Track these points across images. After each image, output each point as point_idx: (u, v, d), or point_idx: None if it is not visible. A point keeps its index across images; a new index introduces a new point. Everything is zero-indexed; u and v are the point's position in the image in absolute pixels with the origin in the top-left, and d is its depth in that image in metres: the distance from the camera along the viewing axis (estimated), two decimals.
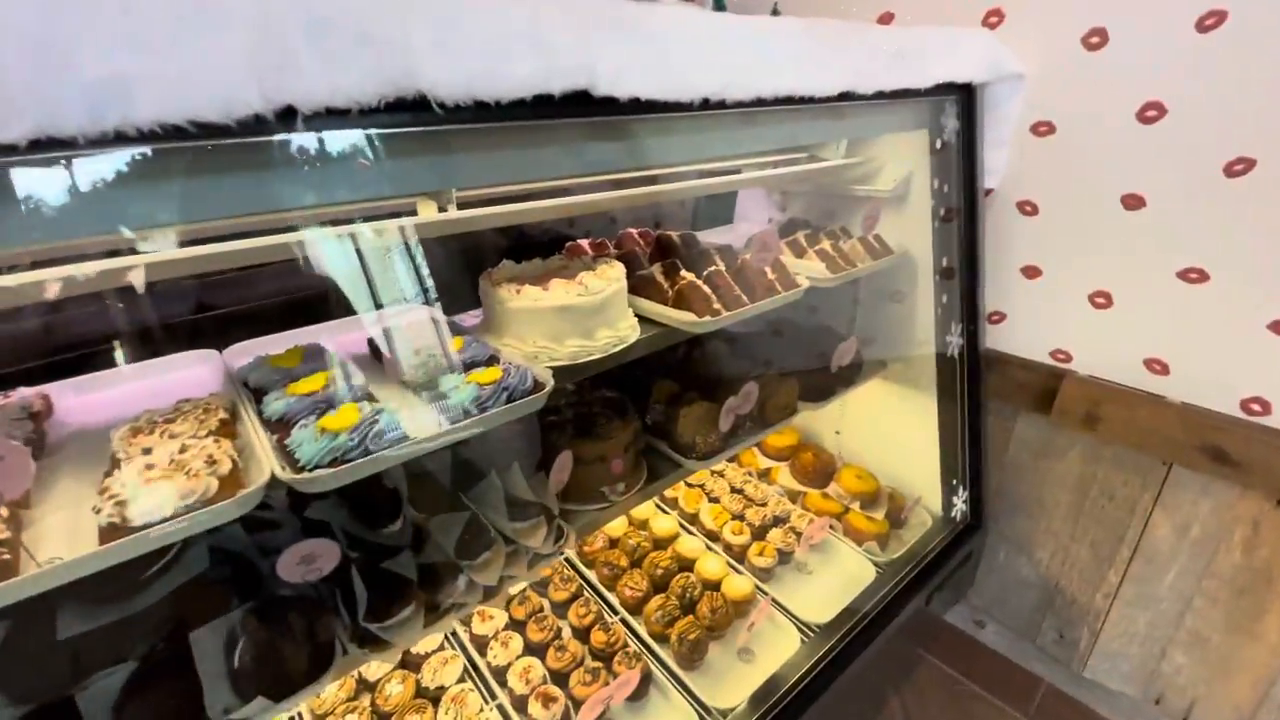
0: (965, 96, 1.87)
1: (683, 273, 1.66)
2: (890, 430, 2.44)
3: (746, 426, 1.90)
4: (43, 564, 0.83)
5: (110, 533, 0.86)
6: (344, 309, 1.79)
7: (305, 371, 1.25)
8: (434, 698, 1.67)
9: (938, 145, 1.92)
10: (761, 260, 1.69)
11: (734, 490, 2.45)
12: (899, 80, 1.54)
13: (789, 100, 1.28)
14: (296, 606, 1.21)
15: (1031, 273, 2.04)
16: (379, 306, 1.30)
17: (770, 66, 1.22)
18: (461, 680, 1.73)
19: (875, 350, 2.32)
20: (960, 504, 2.28)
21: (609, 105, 1.01)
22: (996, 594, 2.41)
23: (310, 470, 1.00)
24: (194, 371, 1.39)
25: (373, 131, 0.85)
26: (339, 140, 0.84)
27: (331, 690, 1.69)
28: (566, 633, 1.86)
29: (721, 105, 1.19)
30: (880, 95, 1.52)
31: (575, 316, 1.41)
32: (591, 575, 2.12)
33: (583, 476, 1.63)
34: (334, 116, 0.77)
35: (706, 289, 1.62)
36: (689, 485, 2.48)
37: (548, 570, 2.07)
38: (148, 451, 1.01)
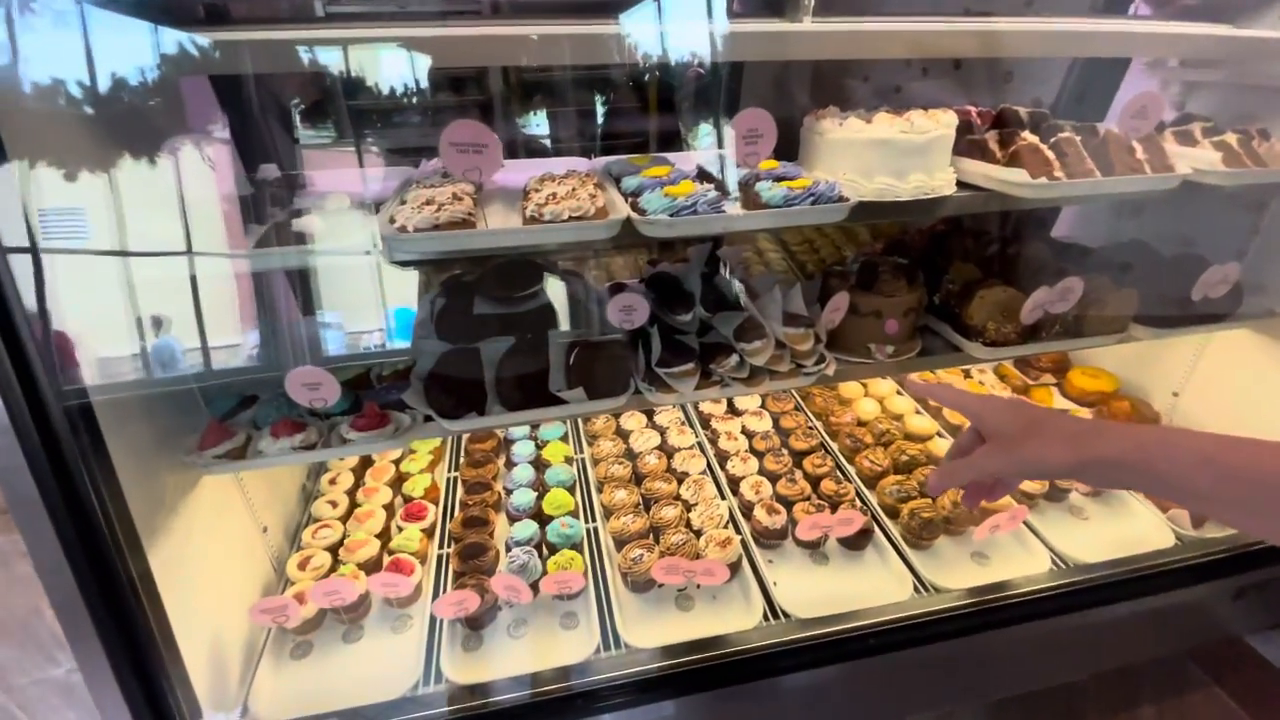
0: None
1: (1023, 135, 1.54)
2: (1256, 399, 1.95)
3: (1055, 331, 1.73)
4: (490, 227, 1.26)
5: (529, 221, 1.26)
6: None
7: (652, 165, 1.55)
8: (679, 478, 2.01)
9: None
10: (1132, 129, 1.46)
11: None
12: None
13: None
14: (614, 341, 1.58)
15: None
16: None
17: None
18: (703, 473, 2.03)
19: (1264, 297, 1.84)
20: None
21: None
22: None
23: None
24: (578, 164, 1.81)
25: None
26: None
27: (608, 445, 2.13)
28: (800, 474, 2.02)
29: None
30: None
31: (891, 153, 1.44)
32: (833, 445, 2.21)
33: (854, 328, 1.70)
34: None
35: (1049, 153, 1.49)
36: None
37: (791, 423, 2.23)
38: (551, 188, 1.40)
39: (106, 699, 1.18)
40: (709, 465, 2.10)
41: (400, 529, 1.84)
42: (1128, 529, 1.89)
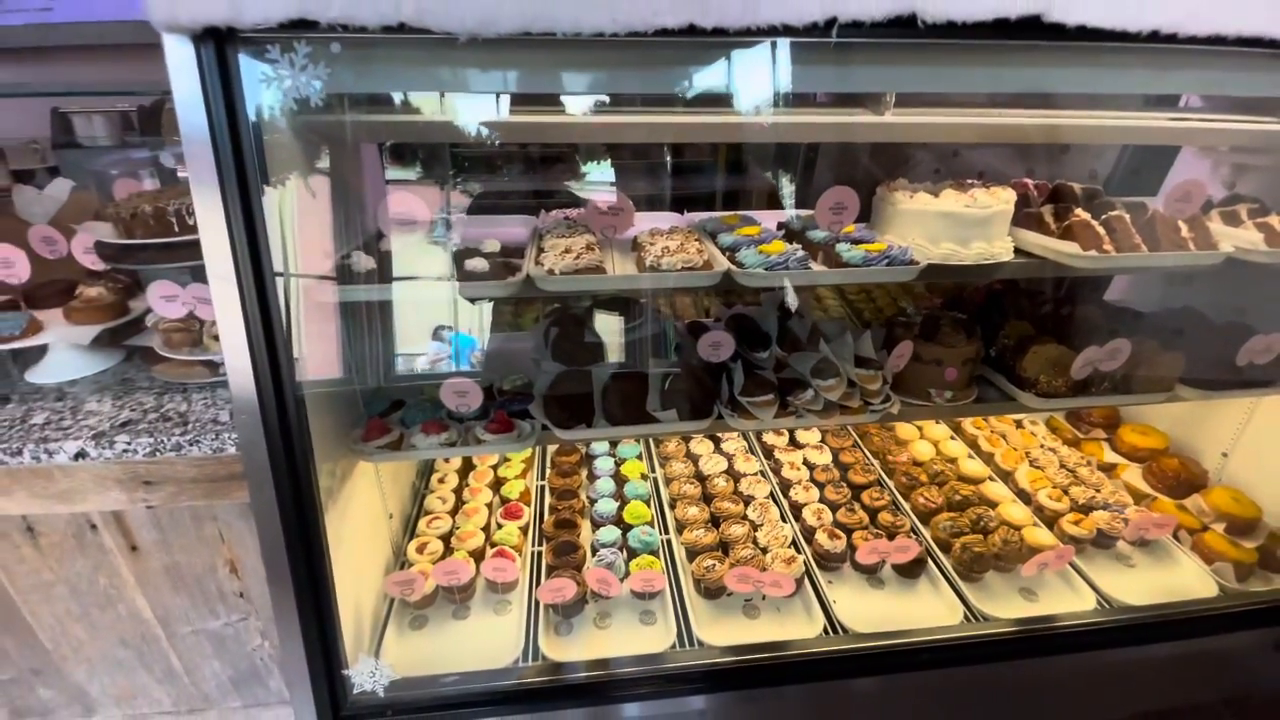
0: None
1: (1076, 211, 1.74)
2: None
3: (1104, 386, 1.89)
4: (619, 273, 1.53)
5: (648, 269, 1.53)
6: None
7: (741, 224, 1.82)
8: (745, 500, 2.21)
9: None
10: (1177, 211, 1.65)
11: (1064, 468, 2.37)
12: None
13: (1256, 42, 1.29)
14: (702, 372, 1.82)
15: None
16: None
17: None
18: (768, 498, 2.23)
19: None
20: None
21: (1056, 31, 1.24)
22: None
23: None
24: (675, 219, 2.10)
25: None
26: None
27: (679, 467, 2.36)
28: (858, 506, 2.20)
29: (1173, 39, 1.28)
30: None
31: (957, 224, 1.67)
32: (890, 482, 2.38)
33: (916, 373, 1.90)
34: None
35: (1100, 229, 1.69)
36: (1011, 448, 2.49)
37: (850, 458, 2.41)
38: (663, 241, 1.68)
39: (289, 636, 1.46)
40: (773, 492, 2.30)
41: (500, 525, 2.10)
42: (1173, 578, 1.99)
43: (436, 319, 2.05)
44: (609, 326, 1.98)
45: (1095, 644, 1.74)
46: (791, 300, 2.25)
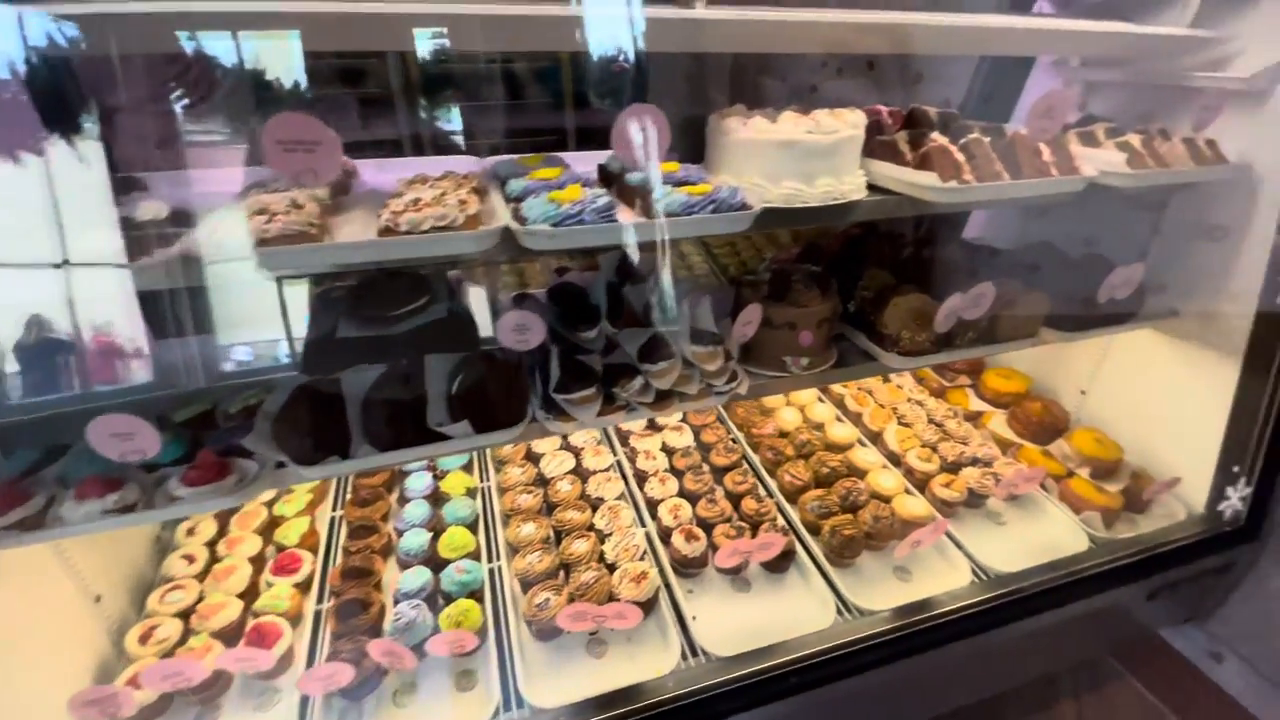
0: None
1: (933, 135, 1.47)
2: (1158, 397, 1.99)
3: (968, 337, 1.69)
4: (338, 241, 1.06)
5: (385, 233, 1.07)
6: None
7: (543, 166, 1.39)
8: (594, 504, 1.86)
9: None
10: (1039, 131, 1.42)
11: (931, 422, 2.22)
12: None
13: None
14: (506, 364, 1.40)
15: None
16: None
17: None
18: (619, 499, 1.88)
19: (1165, 296, 1.87)
20: (1235, 500, 1.80)
21: None
22: (1254, 626, 1.90)
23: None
24: (463, 164, 1.62)
25: None
26: None
27: (516, 474, 1.96)
28: (720, 493, 1.91)
29: None
30: None
31: (798, 155, 1.34)
32: (755, 457, 2.12)
33: (768, 340, 1.60)
34: None
35: (959, 155, 1.43)
36: (878, 405, 2.30)
37: (712, 436, 2.12)
38: (418, 192, 1.21)
39: None
40: (627, 488, 1.96)
41: (270, 585, 1.60)
42: (1043, 533, 1.88)
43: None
44: (383, 313, 1.49)
45: (977, 629, 1.57)
46: (633, 258, 1.87)
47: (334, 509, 1.90)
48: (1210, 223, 1.78)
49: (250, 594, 1.60)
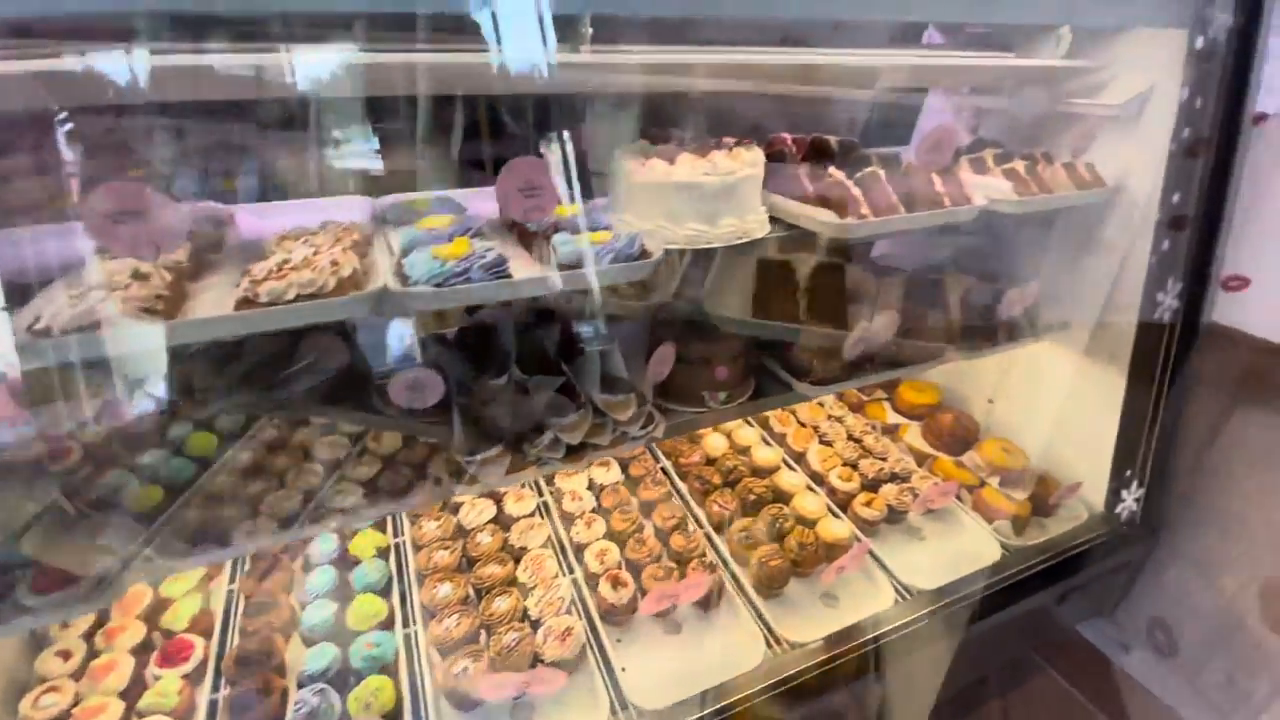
0: None
1: (831, 170, 1.49)
2: (1058, 404, 2.09)
3: (877, 362, 1.72)
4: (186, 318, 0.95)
5: (243, 304, 0.97)
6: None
7: (435, 212, 1.31)
8: (516, 556, 1.78)
9: (1198, 46, 1.50)
10: (929, 163, 1.46)
11: (851, 438, 2.26)
12: None
13: None
14: (402, 426, 1.32)
15: None
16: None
17: None
18: (544, 547, 1.81)
19: (1058, 309, 1.96)
20: (1130, 501, 1.91)
21: None
22: (1154, 616, 2.02)
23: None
24: (348, 208, 1.52)
25: None
26: None
27: (432, 528, 1.85)
28: (649, 530, 1.87)
29: None
30: None
31: (698, 197, 1.32)
32: (683, 487, 2.09)
33: (685, 376, 1.57)
34: None
35: (856, 190, 1.45)
36: (800, 424, 2.33)
37: (640, 469, 2.08)
38: (289, 251, 1.11)
39: None
40: (553, 532, 1.89)
41: (158, 678, 1.45)
42: (960, 544, 1.93)
43: None
44: (266, 376, 1.37)
45: (904, 650, 1.58)
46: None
47: (230, 582, 1.74)
48: (1093, 239, 1.88)
49: (135, 690, 1.43)
